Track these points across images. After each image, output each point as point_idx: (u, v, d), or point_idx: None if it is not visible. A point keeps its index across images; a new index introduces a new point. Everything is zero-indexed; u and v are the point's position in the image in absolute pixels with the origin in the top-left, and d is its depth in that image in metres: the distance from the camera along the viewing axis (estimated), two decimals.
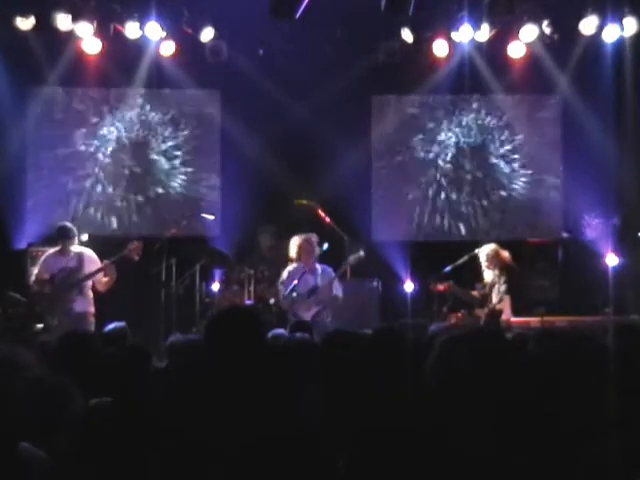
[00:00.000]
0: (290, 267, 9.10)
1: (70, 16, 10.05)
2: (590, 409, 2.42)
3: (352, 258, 9.19)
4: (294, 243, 9.08)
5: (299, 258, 9.03)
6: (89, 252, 8.95)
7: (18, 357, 2.67)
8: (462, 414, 2.32)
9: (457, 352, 2.41)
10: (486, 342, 2.44)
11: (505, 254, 9.08)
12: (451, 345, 2.45)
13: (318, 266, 9.10)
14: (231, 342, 2.91)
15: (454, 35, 10.60)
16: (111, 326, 6.04)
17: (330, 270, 9.12)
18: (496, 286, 8.92)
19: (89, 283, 8.86)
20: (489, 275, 9.06)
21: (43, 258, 9.01)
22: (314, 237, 9.11)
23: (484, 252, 9.15)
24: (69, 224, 9.14)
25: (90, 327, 8.46)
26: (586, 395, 2.43)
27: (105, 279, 8.84)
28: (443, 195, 11.72)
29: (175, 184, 11.62)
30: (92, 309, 8.83)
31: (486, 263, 9.06)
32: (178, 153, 11.63)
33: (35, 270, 9.01)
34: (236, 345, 2.91)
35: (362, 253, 9.18)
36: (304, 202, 10.11)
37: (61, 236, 8.92)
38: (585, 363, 2.48)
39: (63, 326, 8.19)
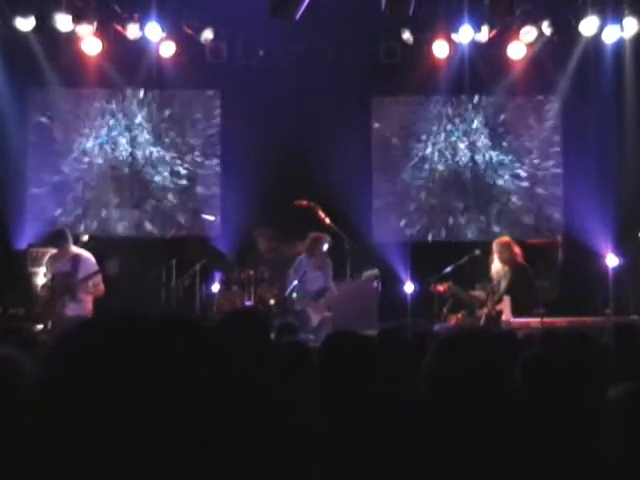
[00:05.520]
0: (301, 257, 9.28)
1: (70, 16, 10.05)
2: (590, 408, 2.42)
3: (367, 275, 9.27)
4: (313, 235, 9.24)
5: (312, 252, 9.11)
6: (85, 255, 8.68)
7: None
8: (460, 414, 2.32)
9: (455, 352, 2.42)
10: (485, 342, 2.44)
11: (517, 249, 9.04)
12: (449, 345, 2.45)
13: (329, 260, 9.24)
14: (241, 345, 2.91)
15: (454, 36, 10.60)
16: None
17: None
18: (501, 281, 8.88)
19: (84, 288, 8.59)
20: (497, 268, 8.97)
21: (46, 259, 8.89)
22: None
23: (496, 242, 9.11)
24: (63, 228, 9.09)
25: None
26: (586, 395, 2.43)
27: (98, 286, 8.63)
28: (443, 196, 11.73)
29: (175, 184, 11.62)
30: (86, 315, 8.42)
31: (497, 254, 8.98)
32: (178, 153, 11.63)
33: (43, 270, 8.93)
34: (246, 348, 2.91)
35: (377, 271, 9.28)
36: (304, 203, 10.11)
37: (55, 240, 8.83)
38: (586, 363, 2.48)
39: (54, 330, 8.11)
